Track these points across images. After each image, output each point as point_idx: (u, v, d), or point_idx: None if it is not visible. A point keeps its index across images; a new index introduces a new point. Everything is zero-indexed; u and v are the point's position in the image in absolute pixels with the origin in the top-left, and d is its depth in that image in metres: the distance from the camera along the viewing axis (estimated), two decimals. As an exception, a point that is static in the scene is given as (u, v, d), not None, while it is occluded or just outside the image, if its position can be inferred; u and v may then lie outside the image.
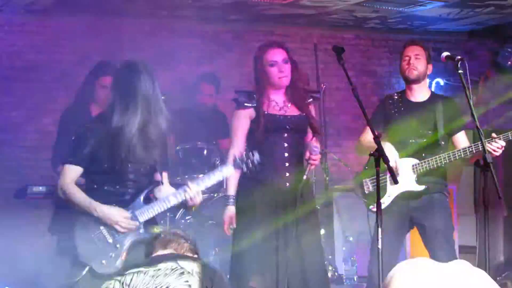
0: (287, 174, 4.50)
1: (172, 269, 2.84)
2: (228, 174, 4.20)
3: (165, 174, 4.19)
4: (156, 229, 4.02)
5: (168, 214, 6.27)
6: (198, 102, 6.84)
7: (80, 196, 3.93)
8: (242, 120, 4.57)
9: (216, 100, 6.96)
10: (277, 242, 4.43)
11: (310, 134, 4.62)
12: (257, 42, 7.82)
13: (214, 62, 7.65)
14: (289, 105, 4.57)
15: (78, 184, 4.01)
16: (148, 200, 4.05)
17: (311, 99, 4.65)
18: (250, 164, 4.15)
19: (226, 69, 7.68)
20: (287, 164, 4.50)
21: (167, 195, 4.05)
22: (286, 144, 4.51)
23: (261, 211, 4.45)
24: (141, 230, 3.99)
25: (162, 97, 6.63)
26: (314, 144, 4.49)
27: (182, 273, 2.83)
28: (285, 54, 4.53)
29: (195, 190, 4.01)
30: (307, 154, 4.48)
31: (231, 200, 4.51)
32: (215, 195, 6.23)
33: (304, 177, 4.47)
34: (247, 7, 7.06)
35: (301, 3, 6.90)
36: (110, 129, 3.92)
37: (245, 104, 4.54)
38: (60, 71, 7.17)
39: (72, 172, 3.97)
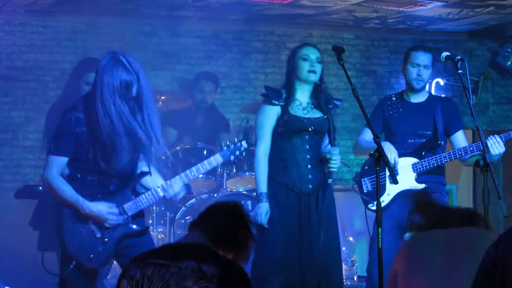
0: (310, 176, 4.51)
1: (193, 271, 2.77)
2: (216, 163, 4.17)
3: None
4: None
5: (168, 214, 6.27)
6: (198, 100, 6.84)
7: (67, 191, 3.84)
8: (269, 117, 4.57)
9: (215, 99, 6.97)
10: (302, 244, 4.43)
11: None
12: (257, 42, 7.88)
13: (214, 62, 7.66)
14: (312, 107, 4.59)
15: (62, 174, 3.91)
16: (136, 192, 4.01)
17: (332, 105, 4.68)
18: (238, 154, 4.14)
19: (226, 69, 7.69)
20: (309, 166, 4.51)
21: (155, 187, 4.00)
22: (308, 146, 4.53)
23: (284, 214, 4.45)
24: (131, 224, 3.96)
25: (162, 97, 6.68)
26: (332, 147, 4.54)
27: (201, 277, 2.76)
28: (319, 54, 4.61)
29: (173, 189, 3.99)
30: (327, 157, 4.53)
31: (263, 197, 4.49)
32: (215, 195, 6.23)
33: (330, 180, 4.54)
34: (247, 7, 7.06)
35: (301, 3, 6.90)
36: (93, 117, 3.80)
37: (273, 101, 4.56)
38: (60, 71, 7.17)
39: (57, 163, 3.86)
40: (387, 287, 2.46)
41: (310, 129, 4.53)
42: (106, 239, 3.90)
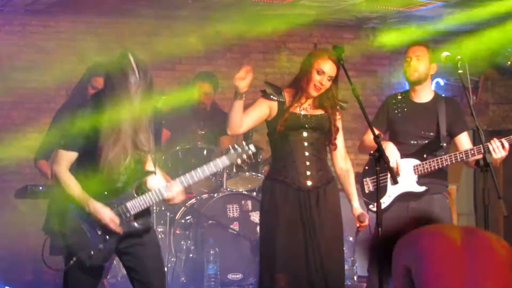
0: (308, 173, 4.49)
1: None
2: (223, 165, 4.16)
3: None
4: None
5: (168, 214, 6.28)
6: (197, 101, 6.83)
7: (74, 187, 3.86)
8: (260, 105, 4.57)
9: (215, 99, 6.96)
10: (301, 241, 4.43)
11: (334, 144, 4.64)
12: (257, 42, 7.88)
13: (214, 62, 7.66)
14: (314, 106, 4.56)
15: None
16: (140, 191, 4.01)
17: (338, 107, 4.64)
18: (245, 157, 4.13)
19: (226, 69, 7.68)
20: (308, 163, 4.49)
21: (159, 187, 4.00)
22: (306, 143, 4.51)
23: (283, 211, 4.44)
24: (133, 223, 3.95)
25: (163, 97, 6.67)
26: (362, 213, 4.59)
27: None
28: (335, 72, 4.49)
29: (175, 191, 4.00)
30: (357, 222, 4.60)
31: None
32: (215, 195, 6.24)
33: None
34: (247, 7, 7.07)
35: (301, 3, 6.91)
36: (103, 114, 3.81)
37: (272, 96, 4.56)
38: (60, 71, 7.17)
39: (67, 158, 3.89)
40: (395, 283, 2.44)
41: (306, 126, 4.51)
42: (107, 237, 3.90)
